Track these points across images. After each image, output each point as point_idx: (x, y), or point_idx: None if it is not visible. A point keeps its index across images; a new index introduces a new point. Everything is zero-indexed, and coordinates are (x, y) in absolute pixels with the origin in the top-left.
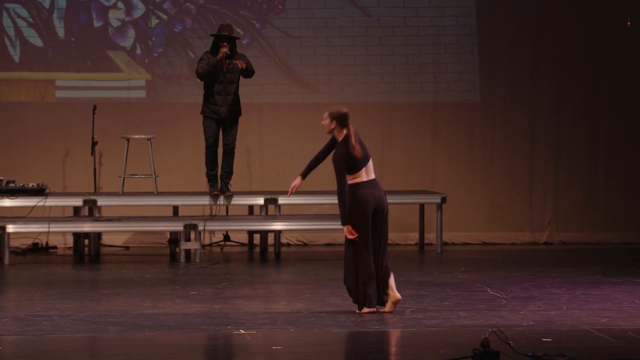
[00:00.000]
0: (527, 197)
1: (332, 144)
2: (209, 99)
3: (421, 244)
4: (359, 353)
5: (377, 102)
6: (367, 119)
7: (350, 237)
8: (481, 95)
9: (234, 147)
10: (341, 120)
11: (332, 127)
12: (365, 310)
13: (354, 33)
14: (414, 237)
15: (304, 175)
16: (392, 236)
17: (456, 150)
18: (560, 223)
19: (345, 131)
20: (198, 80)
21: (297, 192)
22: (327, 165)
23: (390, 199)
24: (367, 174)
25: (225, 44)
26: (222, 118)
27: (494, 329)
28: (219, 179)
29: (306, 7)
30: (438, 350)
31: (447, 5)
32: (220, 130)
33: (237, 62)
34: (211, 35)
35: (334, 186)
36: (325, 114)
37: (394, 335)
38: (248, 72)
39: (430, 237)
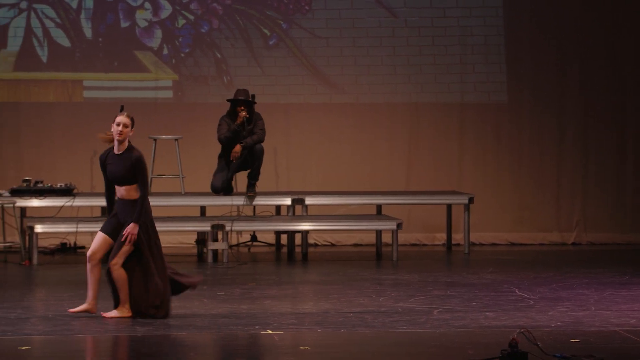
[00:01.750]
0: (555, 197)
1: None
2: (225, 161)
3: (448, 244)
4: (387, 354)
5: (403, 102)
6: (393, 120)
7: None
8: (508, 96)
9: (263, 153)
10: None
11: (131, 134)
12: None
13: (380, 34)
14: (441, 237)
15: None
16: (420, 236)
17: (483, 151)
18: (588, 224)
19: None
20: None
21: (325, 193)
22: (355, 167)
23: (417, 200)
24: None
25: (242, 107)
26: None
27: (522, 330)
28: (247, 178)
29: (333, 7)
30: (466, 351)
31: (474, 5)
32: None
33: (240, 146)
34: (228, 100)
35: (361, 187)
36: (127, 120)
37: (422, 336)
38: (252, 148)
39: (458, 237)
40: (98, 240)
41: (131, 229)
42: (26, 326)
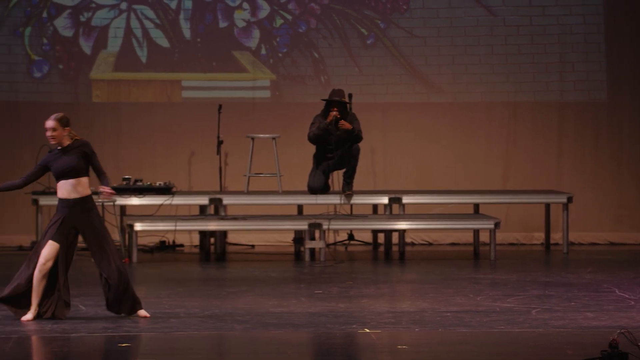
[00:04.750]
0: None
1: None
2: (320, 161)
3: (547, 244)
4: (485, 354)
5: (502, 101)
6: (492, 119)
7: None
8: (608, 95)
9: (359, 152)
10: (68, 124)
11: (65, 133)
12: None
13: (478, 32)
14: (539, 237)
15: None
16: (518, 236)
17: (582, 149)
18: None
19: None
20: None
21: (422, 191)
22: (452, 166)
23: (515, 199)
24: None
25: (335, 108)
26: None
27: (622, 330)
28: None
29: (430, 6)
30: (565, 351)
31: (574, 3)
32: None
33: (344, 123)
34: (322, 100)
35: (458, 186)
36: (52, 123)
37: (520, 336)
38: (354, 137)
39: (556, 237)
40: (51, 249)
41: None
42: (126, 323)
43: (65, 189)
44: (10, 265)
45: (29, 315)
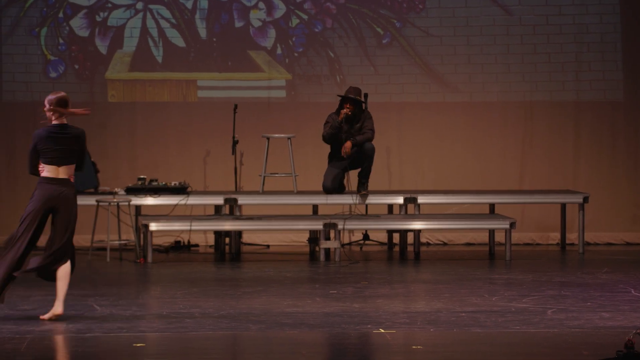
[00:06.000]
0: None
1: None
2: (335, 161)
3: (563, 243)
4: (500, 354)
5: (517, 100)
6: (507, 118)
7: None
8: (625, 95)
9: (374, 152)
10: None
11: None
12: None
13: (494, 32)
14: (555, 237)
15: None
16: (533, 236)
17: (598, 149)
18: None
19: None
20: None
21: (437, 191)
22: (468, 166)
23: (531, 199)
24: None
25: (348, 105)
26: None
27: (638, 331)
28: (357, 177)
29: (447, 6)
30: (581, 351)
31: (590, 3)
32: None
33: (346, 150)
34: (338, 95)
35: (474, 186)
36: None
37: (536, 336)
38: (365, 139)
39: (572, 237)
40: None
41: None
42: (141, 323)
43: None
44: None
45: None
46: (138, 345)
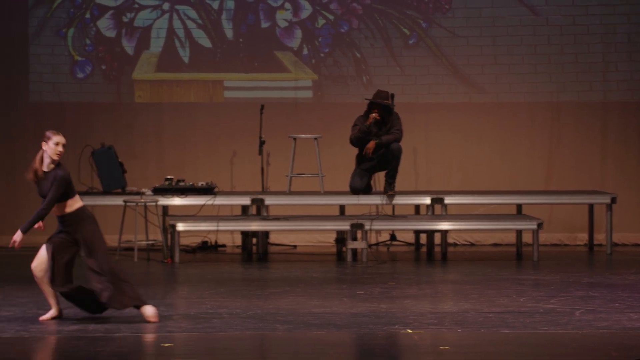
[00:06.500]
0: None
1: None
2: (362, 161)
3: (590, 244)
4: (528, 355)
5: (544, 101)
6: (534, 119)
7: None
8: None
9: (400, 152)
10: None
11: None
12: None
13: (521, 32)
14: (582, 237)
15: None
16: (561, 236)
17: (626, 149)
18: None
19: None
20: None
21: (464, 192)
22: (495, 166)
23: (558, 199)
24: None
25: (376, 111)
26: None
27: None
28: (384, 178)
29: (473, 6)
30: (609, 352)
31: (618, 3)
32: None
33: (369, 148)
34: (366, 99)
35: (501, 186)
36: (65, 141)
37: (564, 337)
38: (392, 139)
39: (600, 237)
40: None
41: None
42: (169, 323)
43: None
44: None
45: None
46: (166, 345)
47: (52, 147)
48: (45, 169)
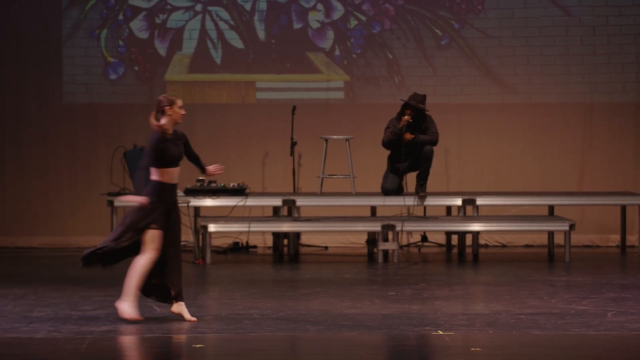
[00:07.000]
0: None
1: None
2: (394, 163)
3: (623, 246)
4: (560, 356)
5: (577, 102)
6: (567, 120)
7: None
8: None
9: (432, 154)
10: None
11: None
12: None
13: (554, 33)
14: (615, 239)
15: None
16: (593, 238)
17: None
18: None
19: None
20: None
21: (496, 193)
22: (527, 167)
23: (591, 200)
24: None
25: (409, 111)
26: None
27: None
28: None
29: (506, 7)
30: None
31: None
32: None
33: (411, 135)
34: (400, 100)
35: (533, 187)
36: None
37: (596, 338)
38: (428, 141)
39: (632, 239)
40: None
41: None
42: (200, 324)
43: (175, 175)
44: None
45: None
46: (197, 346)
47: (177, 110)
48: (171, 132)
